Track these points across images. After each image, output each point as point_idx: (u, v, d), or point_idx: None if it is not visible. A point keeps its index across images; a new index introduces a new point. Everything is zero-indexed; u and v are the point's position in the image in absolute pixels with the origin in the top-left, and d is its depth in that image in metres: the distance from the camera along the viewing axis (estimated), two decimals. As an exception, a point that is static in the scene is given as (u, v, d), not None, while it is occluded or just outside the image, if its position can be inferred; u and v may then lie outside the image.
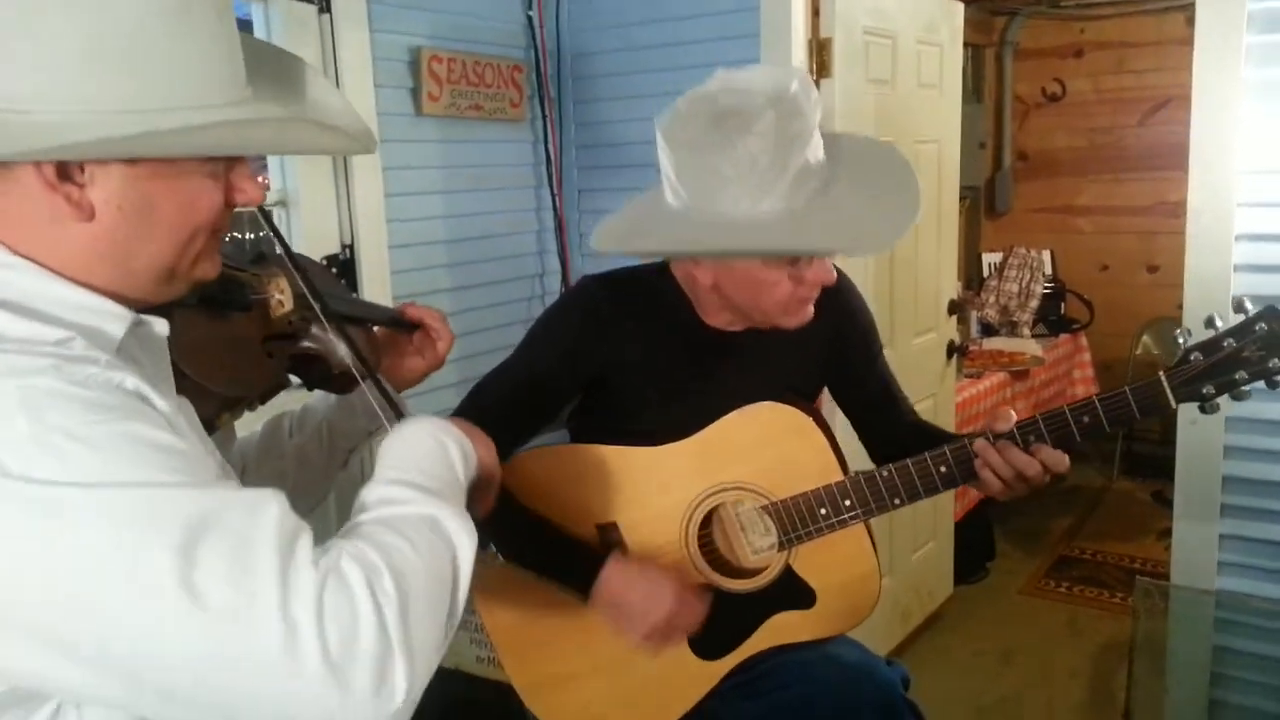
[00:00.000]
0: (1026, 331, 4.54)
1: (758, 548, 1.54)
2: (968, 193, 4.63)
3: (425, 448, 0.93)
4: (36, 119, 0.75)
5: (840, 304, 1.60)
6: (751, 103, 1.31)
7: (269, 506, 0.75)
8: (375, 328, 1.34)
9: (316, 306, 1.10)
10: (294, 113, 0.87)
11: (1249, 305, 1.32)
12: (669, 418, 1.51)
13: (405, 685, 0.73)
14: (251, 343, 1.10)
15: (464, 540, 0.85)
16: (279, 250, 1.12)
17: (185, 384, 0.96)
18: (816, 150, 1.35)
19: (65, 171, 0.78)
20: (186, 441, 0.79)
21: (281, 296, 1.12)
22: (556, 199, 2.85)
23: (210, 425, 1.02)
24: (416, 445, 0.93)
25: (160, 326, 0.89)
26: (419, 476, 0.89)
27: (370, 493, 0.87)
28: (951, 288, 3.38)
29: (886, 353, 1.73)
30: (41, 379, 0.72)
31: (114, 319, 0.82)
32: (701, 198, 1.36)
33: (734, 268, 1.42)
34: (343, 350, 1.12)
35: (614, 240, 1.47)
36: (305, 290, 1.10)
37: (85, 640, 0.69)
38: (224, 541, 0.71)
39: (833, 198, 1.36)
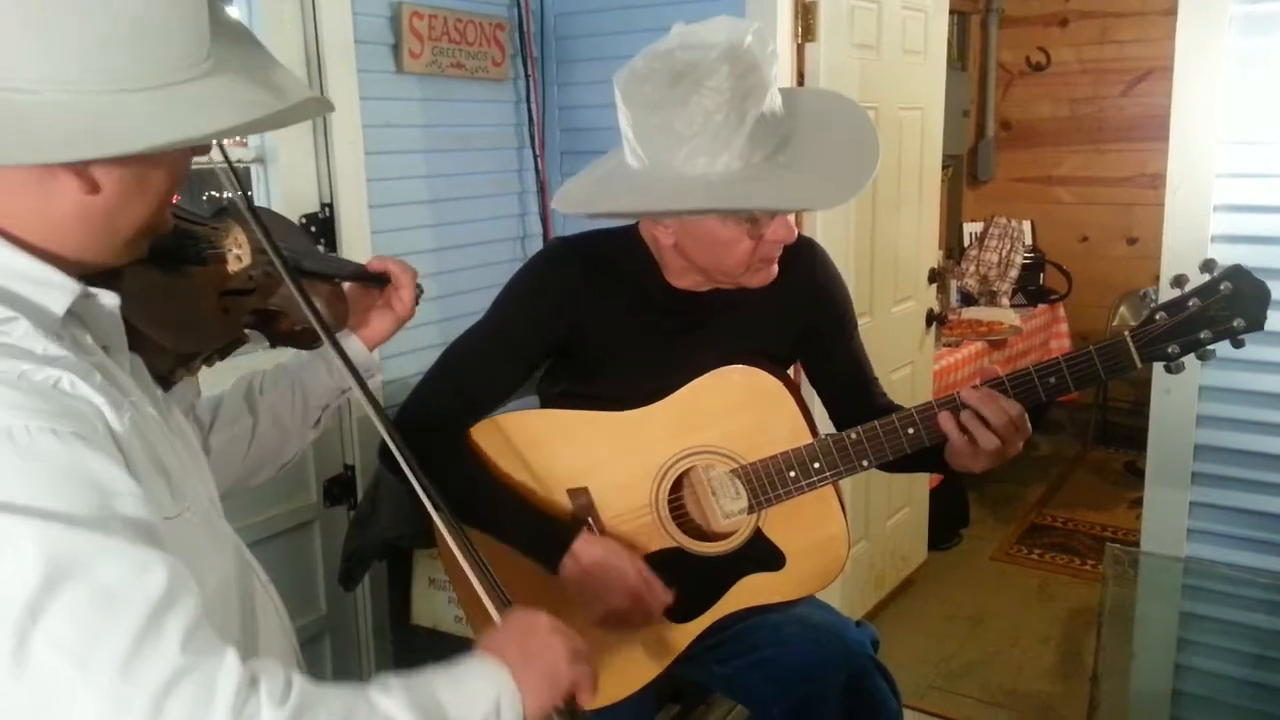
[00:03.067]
0: (1005, 301, 4.57)
1: (728, 511, 1.55)
2: (950, 161, 4.62)
3: (479, 710, 0.86)
4: (45, 99, 0.73)
5: (820, 279, 1.60)
6: (706, 58, 1.29)
7: (155, 572, 0.70)
8: (343, 283, 1.32)
9: (275, 260, 1.08)
10: (269, 93, 0.84)
11: (1216, 264, 1.33)
12: (638, 381, 1.51)
13: None
14: (207, 297, 1.09)
15: None
16: (242, 204, 1.09)
17: (137, 338, 0.95)
18: (774, 104, 1.34)
19: None
20: (119, 446, 0.76)
21: (239, 251, 1.10)
22: (539, 160, 2.83)
23: (166, 380, 1.01)
24: (473, 701, 0.86)
25: (110, 300, 0.87)
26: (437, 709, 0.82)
27: (379, 697, 0.80)
28: (932, 256, 3.38)
29: (866, 320, 1.74)
30: None
31: (58, 292, 0.80)
32: (659, 157, 1.35)
33: (694, 227, 1.41)
34: (303, 308, 1.10)
35: (575, 202, 1.46)
36: (265, 244, 1.07)
37: None
38: (85, 595, 0.66)
39: (790, 154, 1.35)
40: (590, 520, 1.53)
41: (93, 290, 0.85)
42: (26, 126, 0.72)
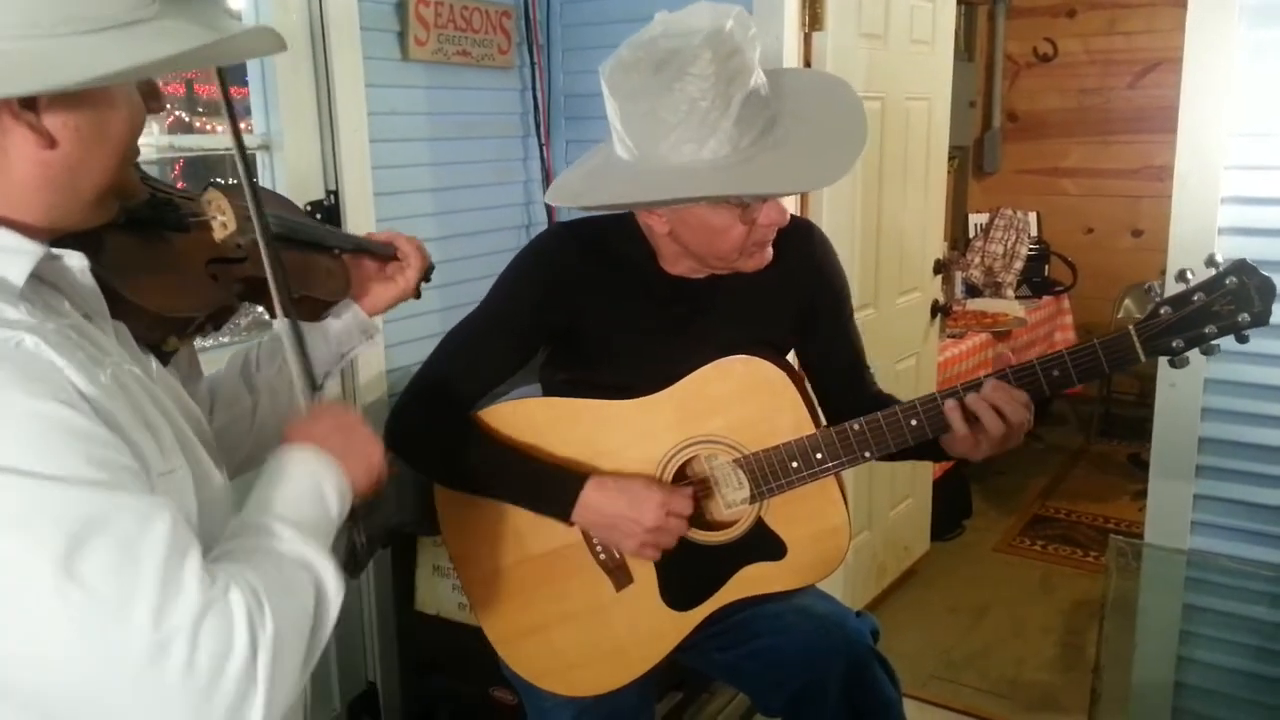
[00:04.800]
0: (1010, 293, 4.57)
1: (730, 501, 1.55)
2: (956, 152, 4.61)
3: (302, 487, 0.94)
4: None
5: (817, 260, 1.60)
6: (689, 44, 1.29)
7: (160, 517, 0.74)
8: (342, 254, 1.32)
9: (256, 227, 1.08)
10: (220, 19, 0.86)
11: (1220, 260, 1.32)
12: (639, 368, 1.51)
13: (260, 718, 0.74)
14: (192, 264, 1.09)
15: (331, 584, 0.87)
16: (240, 170, 1.09)
17: (121, 305, 0.95)
18: (759, 86, 1.33)
19: (26, 100, 0.76)
20: (92, 406, 0.76)
21: (223, 218, 1.10)
22: (544, 149, 2.82)
23: (157, 349, 1.01)
24: (295, 483, 0.94)
25: (77, 261, 0.86)
26: (295, 515, 0.90)
27: (247, 521, 0.88)
28: (937, 247, 3.38)
29: (871, 311, 1.73)
30: None
31: (19, 257, 0.80)
32: (647, 146, 1.35)
33: (687, 215, 1.41)
34: (268, 270, 1.10)
35: (568, 195, 1.46)
36: (251, 209, 1.07)
37: None
38: (109, 548, 0.70)
39: (778, 137, 1.35)
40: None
41: (57, 251, 0.84)
42: None
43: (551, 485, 1.49)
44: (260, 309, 1.22)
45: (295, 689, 0.80)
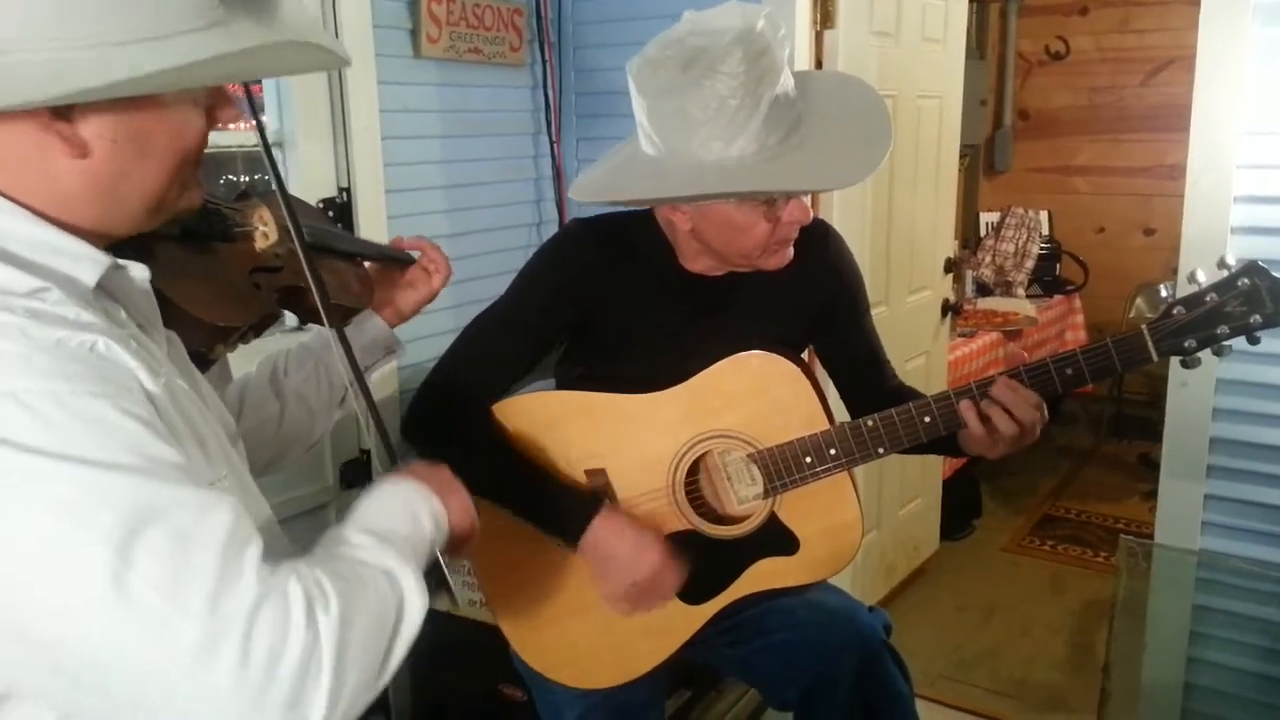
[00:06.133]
0: (1021, 292, 4.56)
1: (743, 497, 1.56)
2: (967, 151, 4.60)
3: (396, 509, 0.93)
4: (14, 60, 0.72)
5: (833, 260, 1.61)
6: (719, 43, 1.30)
7: (220, 511, 0.74)
8: (368, 263, 1.34)
9: (294, 235, 1.09)
10: (275, 33, 0.84)
11: (1230, 261, 1.32)
12: (654, 364, 1.52)
13: (322, 716, 0.72)
14: (238, 274, 1.11)
15: (415, 601, 0.84)
16: (271, 180, 1.11)
17: (172, 313, 0.96)
18: (787, 86, 1.34)
19: (59, 110, 0.76)
20: (156, 409, 0.77)
21: (265, 228, 1.13)
22: (555, 147, 2.83)
23: (203, 358, 1.03)
24: (388, 504, 0.93)
25: (139, 271, 0.87)
26: (385, 531, 0.89)
27: (335, 532, 0.88)
28: (948, 246, 3.37)
29: (882, 309, 1.74)
30: (4, 343, 0.70)
31: (89, 264, 0.81)
32: (674, 143, 1.36)
33: (710, 212, 1.42)
34: (310, 281, 1.11)
35: (592, 190, 1.47)
36: (288, 221, 1.09)
37: (6, 617, 0.68)
38: (166, 538, 0.70)
39: (804, 136, 1.36)
40: (607, 498, 1.54)
41: (122, 262, 0.85)
42: None
43: (561, 512, 1.50)
44: (293, 316, 1.24)
45: (370, 688, 0.77)
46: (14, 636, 0.69)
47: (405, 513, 0.93)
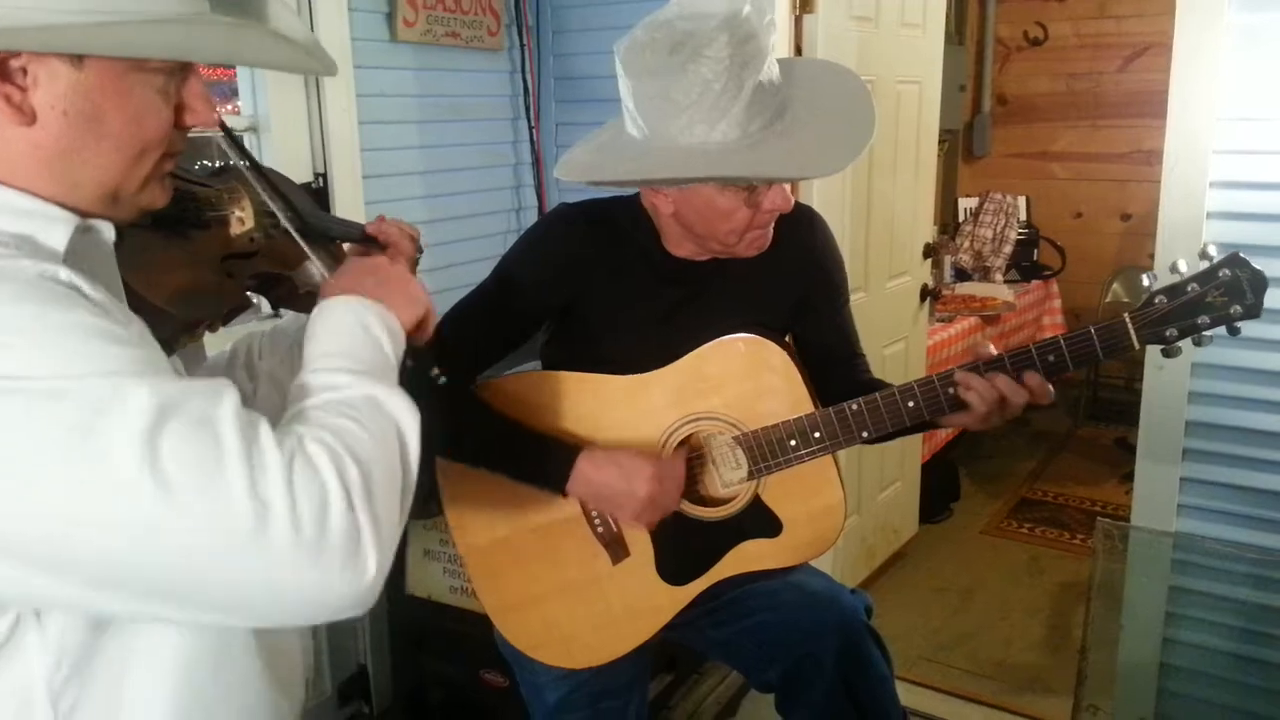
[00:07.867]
0: (999, 277, 4.58)
1: (728, 479, 1.56)
2: (946, 136, 4.61)
3: (351, 334, 0.92)
4: None
5: (817, 247, 1.62)
6: (705, 27, 1.30)
7: (226, 393, 0.75)
8: (342, 244, 1.31)
9: (287, 224, 1.06)
10: (251, 23, 0.83)
11: (1212, 252, 1.33)
12: (639, 347, 1.52)
13: (375, 559, 0.75)
14: (210, 262, 1.06)
15: (406, 417, 0.86)
16: (245, 164, 1.07)
17: (139, 304, 0.93)
18: (771, 73, 1.35)
19: (6, 72, 0.75)
20: (131, 333, 0.78)
21: (242, 214, 1.09)
22: (534, 132, 2.82)
23: (169, 347, 1.00)
24: (342, 332, 0.92)
25: (107, 231, 0.86)
26: (351, 362, 0.89)
27: (307, 381, 0.87)
28: (927, 231, 3.38)
29: (861, 295, 1.74)
30: None
31: (58, 223, 0.79)
32: (658, 126, 1.36)
33: (692, 196, 1.42)
34: (314, 270, 1.09)
35: (577, 170, 1.47)
36: (275, 206, 1.06)
37: (46, 542, 0.68)
38: (187, 427, 0.70)
39: (788, 123, 1.37)
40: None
41: (91, 222, 0.83)
42: None
43: (546, 459, 1.50)
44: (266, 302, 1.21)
45: (398, 526, 0.80)
46: (61, 561, 0.69)
47: (362, 336, 0.92)
